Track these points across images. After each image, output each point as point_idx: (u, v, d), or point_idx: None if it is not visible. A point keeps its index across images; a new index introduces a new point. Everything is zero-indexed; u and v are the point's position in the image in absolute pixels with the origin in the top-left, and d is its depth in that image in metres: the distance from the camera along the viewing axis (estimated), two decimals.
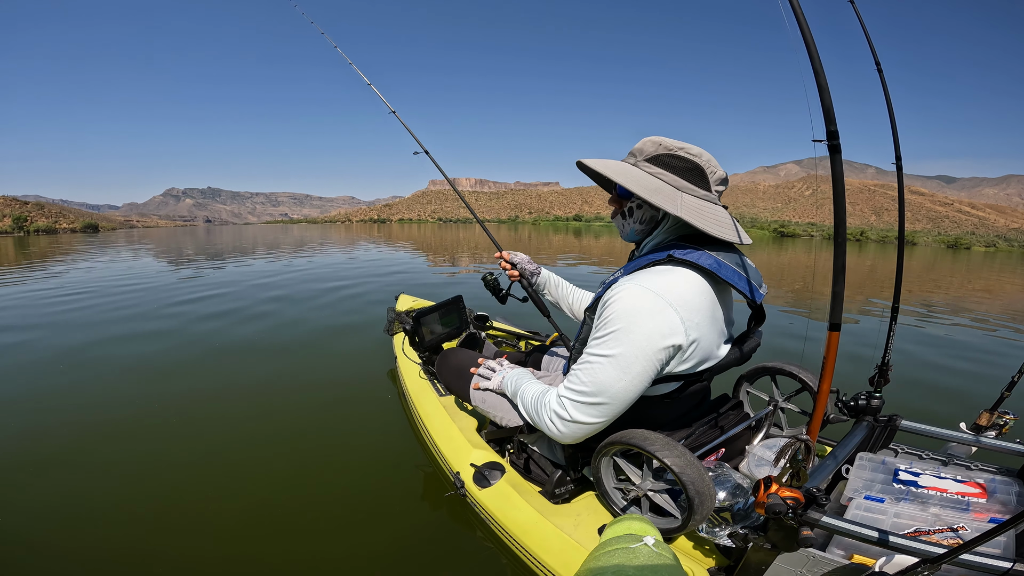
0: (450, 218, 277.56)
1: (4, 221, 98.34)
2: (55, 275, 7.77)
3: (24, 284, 6.80)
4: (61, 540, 1.46)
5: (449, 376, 1.63)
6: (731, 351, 1.10)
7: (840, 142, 0.76)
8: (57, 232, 72.51)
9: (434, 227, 71.14)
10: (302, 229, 51.62)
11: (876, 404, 1.28)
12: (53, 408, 2.41)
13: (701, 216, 0.99)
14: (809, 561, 0.87)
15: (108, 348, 3.46)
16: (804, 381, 1.40)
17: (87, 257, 11.69)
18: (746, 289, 1.01)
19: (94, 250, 14.28)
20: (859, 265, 13.08)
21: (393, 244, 17.20)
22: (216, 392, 2.65)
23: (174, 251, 14.14)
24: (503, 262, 1.63)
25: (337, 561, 1.39)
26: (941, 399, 2.75)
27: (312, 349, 3.47)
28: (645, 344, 0.93)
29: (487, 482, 1.37)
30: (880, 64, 1.29)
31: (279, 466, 1.89)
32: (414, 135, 2.02)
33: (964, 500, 1.03)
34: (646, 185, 1.01)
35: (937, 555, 0.72)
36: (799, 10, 0.74)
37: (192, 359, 3.22)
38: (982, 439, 1.18)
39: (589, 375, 0.98)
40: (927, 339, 4.23)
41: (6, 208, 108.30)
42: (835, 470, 1.08)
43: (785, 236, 48.25)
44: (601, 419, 1.00)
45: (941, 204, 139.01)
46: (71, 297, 5.58)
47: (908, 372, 3.16)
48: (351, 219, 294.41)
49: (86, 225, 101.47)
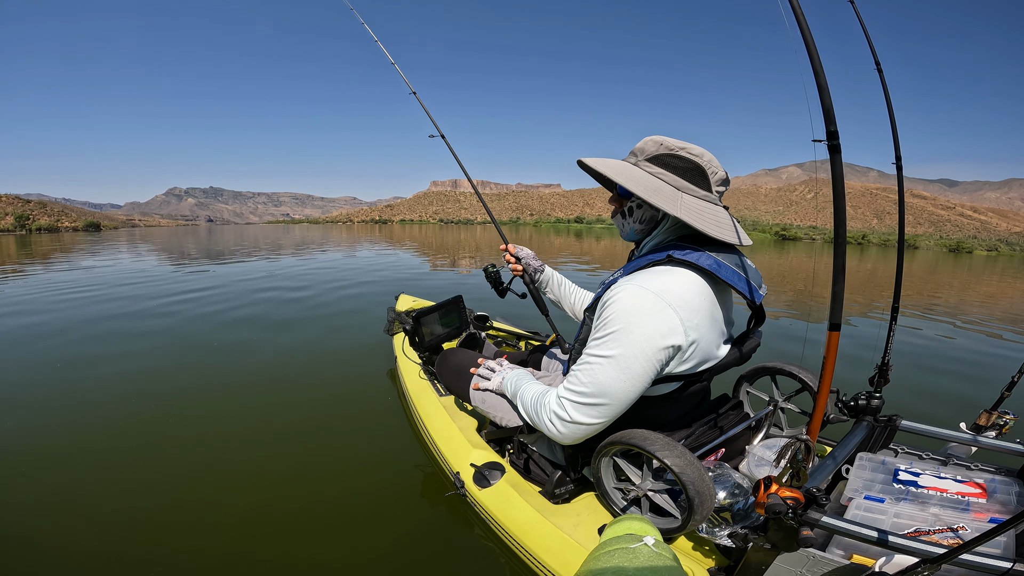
0: (451, 219, 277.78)
1: (6, 219, 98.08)
2: (57, 272, 7.78)
3: (23, 280, 6.81)
4: (61, 540, 1.46)
5: (449, 376, 1.63)
6: (731, 351, 1.10)
7: (840, 142, 0.76)
8: (59, 231, 72.43)
9: (435, 228, 71.28)
10: (303, 229, 51.68)
11: (876, 404, 1.28)
12: (51, 407, 2.41)
13: (701, 217, 0.99)
14: (809, 561, 0.87)
15: (106, 348, 3.46)
16: (804, 381, 1.40)
17: (87, 255, 11.69)
18: (745, 290, 1.01)
19: (95, 248, 14.29)
20: (860, 268, 13.05)
21: (395, 245, 17.22)
22: (215, 392, 2.65)
23: (175, 250, 14.16)
24: (508, 255, 1.61)
25: (337, 561, 1.39)
26: (941, 399, 2.75)
27: (312, 349, 3.47)
28: (645, 345, 0.93)
29: (487, 482, 1.37)
30: (880, 64, 1.29)
31: (279, 466, 1.89)
32: (432, 118, 1.99)
33: (964, 500, 1.03)
34: (646, 185, 1.01)
35: (937, 555, 0.72)
36: (799, 10, 0.74)
37: (191, 359, 3.22)
38: (982, 439, 1.18)
39: (589, 376, 0.98)
40: (928, 339, 4.23)
41: (8, 206, 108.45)
42: (835, 470, 1.08)
43: (787, 239, 48.09)
44: (601, 420, 1.00)
45: (943, 208, 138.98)
46: (69, 293, 5.59)
47: (908, 372, 3.16)
48: (353, 219, 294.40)
49: (88, 224, 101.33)
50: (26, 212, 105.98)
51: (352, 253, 12.93)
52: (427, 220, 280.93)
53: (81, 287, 6.40)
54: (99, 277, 7.52)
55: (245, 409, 2.42)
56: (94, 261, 10.53)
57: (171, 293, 5.90)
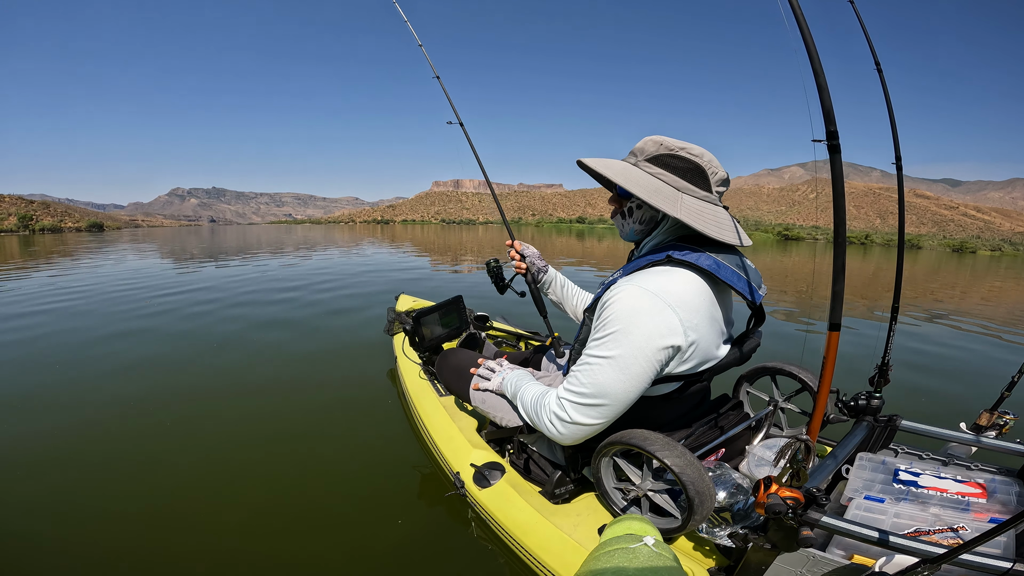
0: (453, 219, 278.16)
1: (9, 220, 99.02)
2: (58, 274, 7.80)
3: (23, 281, 6.83)
4: (60, 541, 1.46)
5: (449, 376, 1.63)
6: (731, 351, 1.10)
7: (840, 142, 0.76)
8: (62, 231, 73.17)
9: (437, 228, 71.23)
10: (306, 229, 51.90)
11: (876, 404, 1.28)
12: (49, 406, 2.42)
13: (701, 218, 0.99)
14: (809, 561, 0.87)
15: (102, 348, 3.47)
16: (804, 381, 1.40)
17: (88, 256, 11.72)
18: (745, 290, 1.01)
19: (96, 249, 14.32)
20: (863, 269, 13.00)
21: (397, 245, 17.23)
22: (214, 392, 2.65)
23: (177, 251, 14.19)
24: (513, 251, 1.59)
25: (337, 561, 1.39)
26: (941, 399, 2.74)
27: (311, 349, 3.47)
28: (644, 345, 0.93)
29: (487, 482, 1.37)
30: (880, 64, 1.29)
31: (278, 466, 1.89)
32: (452, 104, 1.96)
33: (964, 500, 1.02)
34: (646, 186, 1.01)
35: (937, 555, 0.72)
36: (799, 10, 0.74)
37: (190, 358, 3.22)
38: (982, 439, 1.18)
39: (588, 376, 0.98)
40: (928, 340, 4.22)
41: (11, 207, 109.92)
42: (835, 470, 1.08)
43: (789, 239, 47.67)
44: (600, 420, 1.00)
45: (946, 208, 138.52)
46: (66, 295, 5.60)
47: (908, 372, 3.16)
48: (355, 220, 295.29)
49: (91, 224, 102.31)
50: (29, 212, 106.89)
51: (354, 253, 12.93)
52: (429, 220, 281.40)
53: (76, 286, 6.42)
54: (100, 276, 7.54)
55: (244, 409, 2.42)
56: (100, 260, 10.56)
57: (169, 292, 5.91)
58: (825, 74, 0.74)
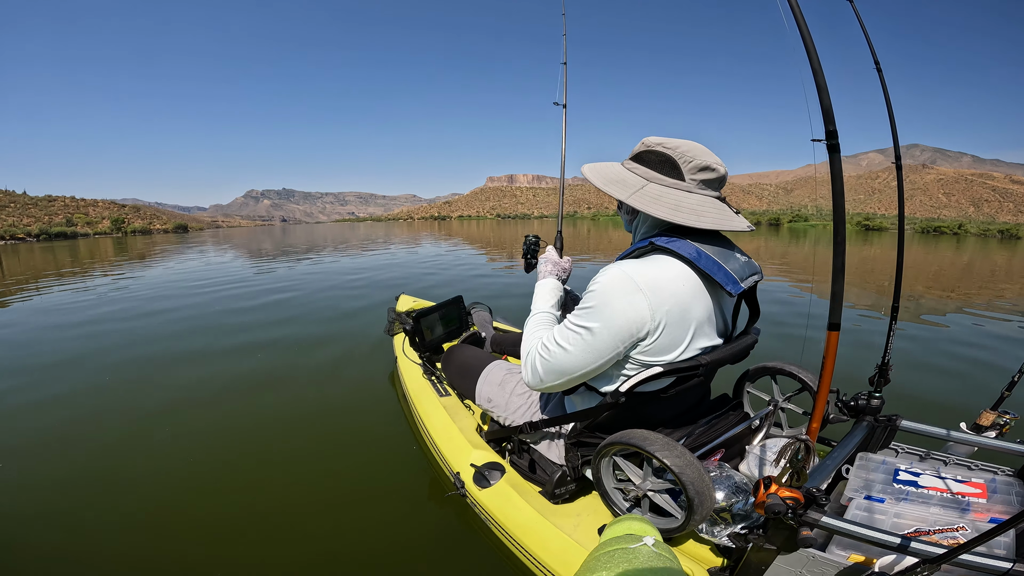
0: (507, 214, 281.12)
1: (103, 223, 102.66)
2: (136, 277, 7.78)
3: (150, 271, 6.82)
4: (60, 541, 1.46)
5: (454, 374, 1.63)
6: (721, 347, 1.09)
7: (839, 141, 0.77)
8: (152, 233, 75.72)
9: (493, 223, 71.00)
10: (368, 227, 52.71)
11: (876, 404, 1.28)
12: (52, 407, 2.42)
13: (657, 203, 1.02)
14: (809, 561, 0.87)
15: (99, 345, 3.47)
16: (804, 381, 1.40)
17: (195, 253, 11.70)
18: (722, 279, 0.99)
19: (193, 246, 14.30)
20: (956, 261, 11.72)
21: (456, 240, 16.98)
22: (214, 392, 2.66)
23: (254, 251, 14.45)
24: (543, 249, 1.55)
25: (338, 561, 1.39)
26: (941, 399, 2.74)
27: (311, 349, 3.47)
28: (610, 322, 0.98)
29: (487, 482, 1.37)
30: (879, 64, 1.29)
31: (278, 466, 1.89)
32: (566, 90, 1.88)
33: (964, 500, 1.02)
34: (605, 176, 1.10)
35: (937, 555, 0.72)
36: (798, 10, 0.74)
37: (189, 357, 3.23)
38: (982, 439, 1.18)
39: (562, 337, 1.05)
40: (929, 340, 4.22)
41: (105, 211, 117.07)
42: (835, 470, 1.08)
43: (870, 229, 42.09)
44: (562, 379, 1.07)
45: None
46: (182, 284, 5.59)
47: (908, 372, 3.15)
48: (413, 216, 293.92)
49: (177, 226, 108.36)
50: (122, 216, 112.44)
51: (418, 249, 12.98)
52: (484, 215, 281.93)
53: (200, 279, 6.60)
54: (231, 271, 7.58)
55: (244, 409, 2.42)
56: (211, 256, 10.83)
57: (169, 293, 5.90)
58: (824, 75, 0.74)
